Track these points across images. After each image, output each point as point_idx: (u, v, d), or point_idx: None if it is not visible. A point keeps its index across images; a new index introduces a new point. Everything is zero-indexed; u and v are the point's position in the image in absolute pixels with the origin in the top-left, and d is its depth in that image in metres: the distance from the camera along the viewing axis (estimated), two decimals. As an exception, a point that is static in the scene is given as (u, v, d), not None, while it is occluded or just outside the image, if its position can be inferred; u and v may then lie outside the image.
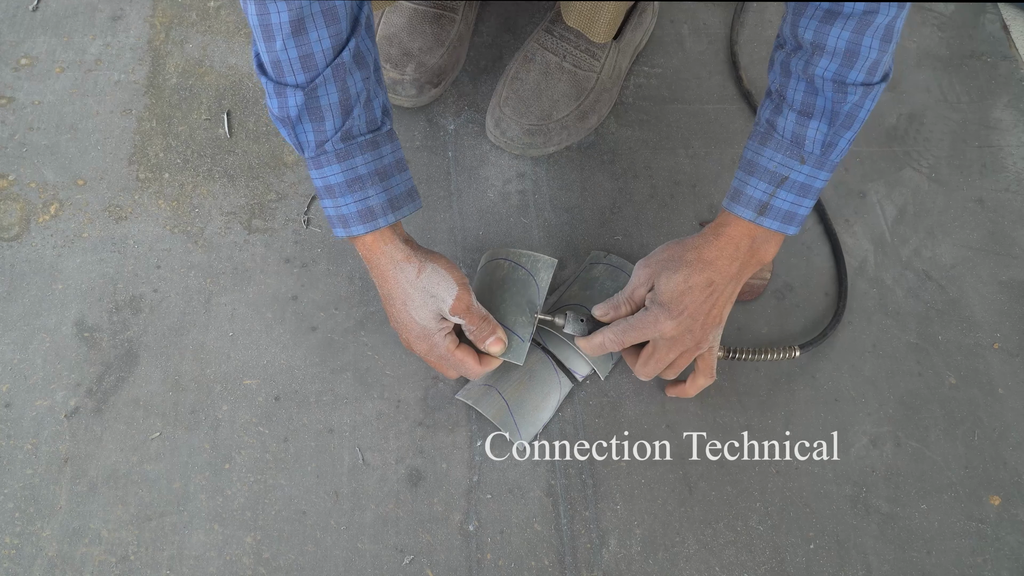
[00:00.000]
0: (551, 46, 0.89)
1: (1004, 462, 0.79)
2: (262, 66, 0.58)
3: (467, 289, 0.66)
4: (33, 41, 0.93)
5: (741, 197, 0.65)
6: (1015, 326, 0.85)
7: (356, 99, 0.59)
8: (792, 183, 0.64)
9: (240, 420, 0.76)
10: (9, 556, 0.69)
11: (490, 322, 0.68)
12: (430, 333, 0.67)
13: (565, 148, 0.91)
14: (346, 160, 0.60)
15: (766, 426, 0.79)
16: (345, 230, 0.63)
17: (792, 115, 0.62)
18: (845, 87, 0.59)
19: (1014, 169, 0.95)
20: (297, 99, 0.57)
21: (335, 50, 0.57)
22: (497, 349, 0.69)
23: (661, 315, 0.66)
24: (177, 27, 0.95)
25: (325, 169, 0.61)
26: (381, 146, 0.62)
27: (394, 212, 0.63)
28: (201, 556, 0.70)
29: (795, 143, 0.63)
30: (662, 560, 0.73)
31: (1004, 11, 1.06)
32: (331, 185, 0.61)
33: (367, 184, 0.61)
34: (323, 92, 0.57)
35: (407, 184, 0.65)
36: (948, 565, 0.74)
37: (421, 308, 0.66)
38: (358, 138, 0.61)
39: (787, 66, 0.62)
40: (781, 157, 0.63)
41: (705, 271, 0.66)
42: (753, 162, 0.65)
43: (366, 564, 0.71)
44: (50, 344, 0.78)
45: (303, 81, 0.57)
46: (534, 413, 0.76)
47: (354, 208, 0.62)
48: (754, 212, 0.65)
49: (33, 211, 0.84)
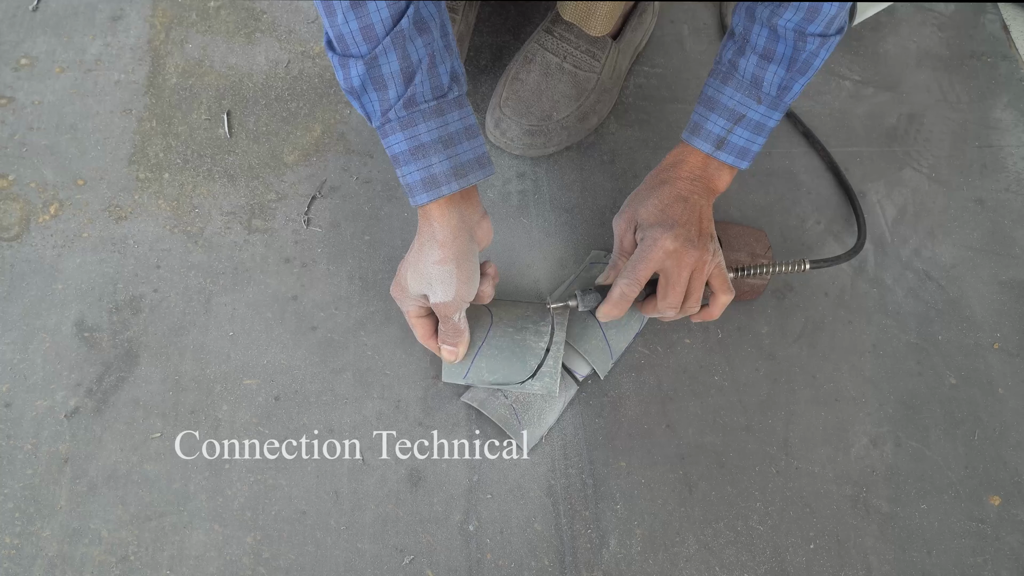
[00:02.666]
0: (551, 46, 0.89)
1: (1004, 462, 0.79)
2: (330, 43, 0.59)
3: (457, 305, 0.68)
4: (33, 41, 0.93)
5: (701, 131, 0.70)
6: (1015, 326, 0.85)
7: (418, 66, 0.59)
8: (748, 121, 0.69)
9: (240, 420, 0.76)
10: (9, 556, 0.69)
11: (458, 335, 0.71)
12: (407, 294, 0.70)
13: (565, 148, 0.91)
14: (409, 128, 0.60)
15: (766, 426, 0.79)
16: (412, 198, 0.63)
17: (754, 58, 0.67)
18: (805, 37, 0.64)
19: (1014, 169, 0.95)
20: (359, 69, 0.58)
21: (394, 19, 0.57)
22: (447, 357, 0.72)
23: (656, 233, 0.69)
24: (177, 27, 0.95)
25: (391, 138, 0.61)
26: (447, 113, 0.61)
27: (458, 180, 0.62)
28: (201, 556, 0.70)
29: (754, 84, 0.68)
30: (662, 560, 0.73)
31: (1004, 11, 1.06)
32: (396, 154, 0.62)
33: (430, 152, 0.61)
34: (384, 61, 0.58)
35: (476, 151, 0.63)
36: (948, 565, 0.74)
37: (416, 281, 0.68)
38: (421, 105, 0.60)
39: (752, 12, 0.66)
40: (740, 96, 0.68)
41: (672, 188, 0.72)
42: (714, 99, 0.70)
43: (366, 564, 0.71)
44: (50, 344, 0.78)
45: (364, 52, 0.58)
46: (539, 417, 0.76)
47: (417, 176, 0.62)
48: (712, 146, 0.70)
49: (33, 211, 0.84)
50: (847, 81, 0.99)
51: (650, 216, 0.70)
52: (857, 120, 0.96)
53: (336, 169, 0.88)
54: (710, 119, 0.70)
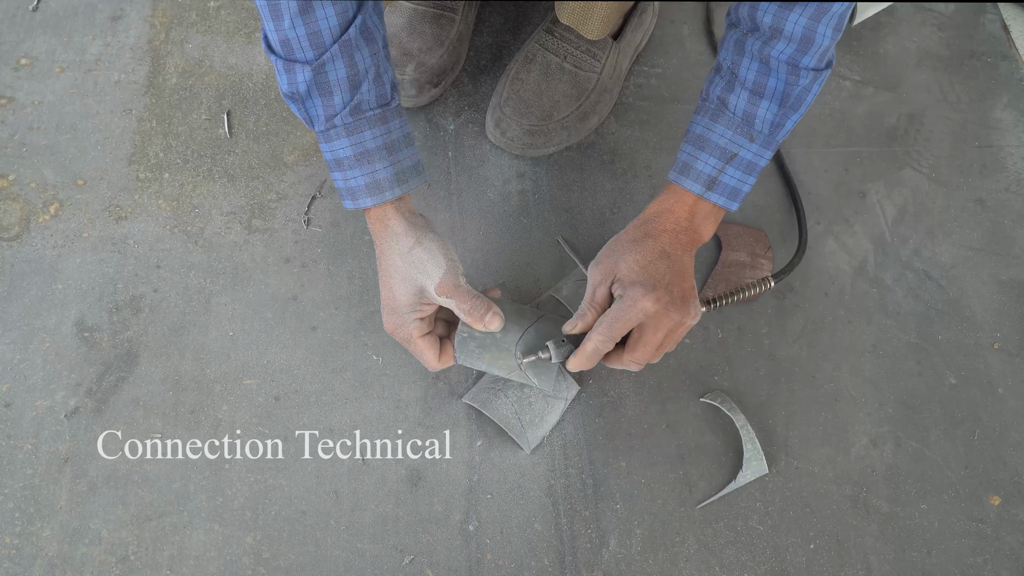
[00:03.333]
0: (552, 46, 0.89)
1: (1004, 462, 0.79)
2: (271, 45, 0.60)
3: (456, 270, 0.65)
4: (33, 41, 0.93)
5: (691, 171, 0.66)
6: (1015, 326, 0.85)
7: (364, 74, 0.61)
8: (740, 160, 0.65)
9: (240, 420, 0.76)
10: (9, 556, 0.69)
11: (483, 300, 0.66)
12: (402, 312, 0.67)
13: (565, 148, 0.91)
14: (355, 134, 0.62)
15: (766, 426, 0.79)
16: (353, 202, 0.64)
17: (744, 94, 0.64)
18: (798, 71, 0.62)
19: (1014, 169, 0.95)
20: (306, 75, 0.59)
21: (342, 27, 0.58)
22: (496, 324, 0.66)
23: (637, 294, 0.64)
24: (177, 27, 0.95)
25: (335, 143, 0.62)
26: (390, 121, 0.63)
27: (400, 185, 0.64)
28: (201, 556, 0.70)
29: (746, 121, 0.65)
30: (662, 560, 0.73)
31: (1004, 11, 1.06)
32: (340, 159, 0.62)
33: (375, 158, 0.62)
34: (331, 68, 0.59)
35: (414, 158, 0.66)
36: (948, 565, 0.74)
37: (404, 283, 0.66)
38: (367, 113, 0.62)
39: (742, 45, 0.64)
40: (731, 134, 0.65)
41: (656, 243, 0.67)
42: (704, 137, 0.66)
43: (366, 564, 0.71)
44: (50, 344, 0.78)
45: (311, 57, 0.58)
46: (541, 417, 0.76)
47: (362, 181, 0.63)
48: (703, 187, 0.66)
49: (33, 211, 0.84)
50: (847, 81, 0.99)
51: (631, 273, 0.65)
52: (857, 120, 0.96)
53: (336, 169, 0.88)
54: (700, 158, 0.66)
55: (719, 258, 0.86)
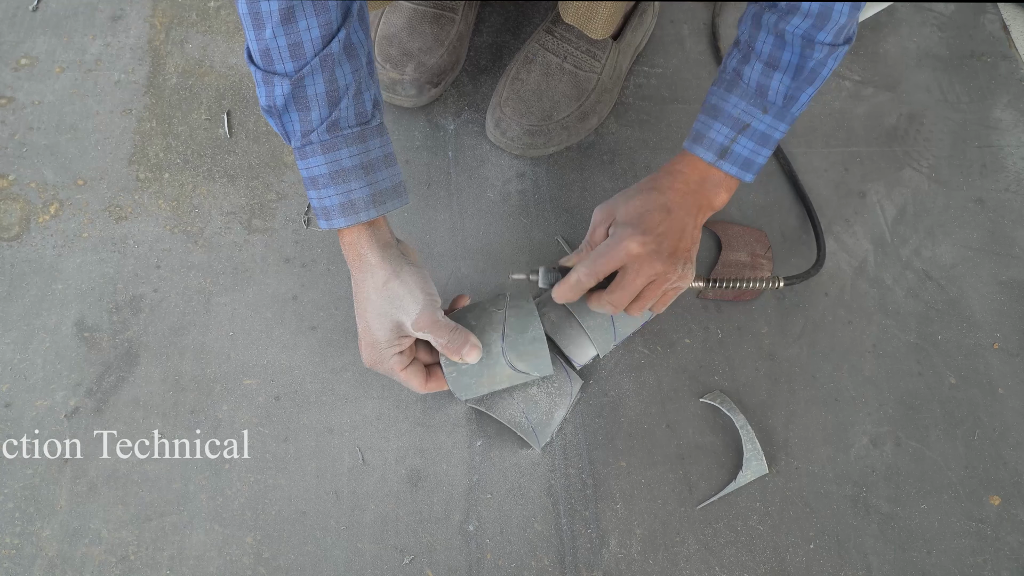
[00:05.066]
0: (552, 47, 0.89)
1: (1004, 462, 0.79)
2: (251, 56, 0.58)
3: (433, 304, 0.65)
4: (33, 41, 0.93)
5: (703, 140, 0.68)
6: (1015, 326, 0.85)
7: (344, 91, 0.59)
8: (753, 131, 0.67)
9: (240, 420, 0.76)
10: (9, 556, 0.69)
11: (461, 332, 0.65)
12: (380, 347, 0.66)
13: (565, 148, 0.91)
14: (331, 152, 0.60)
15: (766, 426, 0.79)
16: (327, 222, 0.62)
17: (759, 65, 0.65)
18: (813, 45, 0.62)
19: (1014, 169, 0.95)
20: (284, 88, 0.57)
21: (324, 40, 0.57)
22: (474, 356, 0.66)
23: (625, 233, 0.65)
24: (177, 27, 0.95)
25: (310, 160, 0.61)
26: (368, 140, 0.62)
27: (376, 207, 0.62)
28: (201, 556, 0.70)
29: (759, 93, 0.66)
30: (662, 560, 0.73)
31: (1004, 11, 1.06)
32: (315, 176, 0.61)
33: (351, 177, 0.61)
34: (310, 82, 0.58)
35: (394, 179, 0.64)
36: (948, 565, 0.74)
37: (379, 317, 0.64)
38: (345, 130, 0.60)
39: (759, 19, 0.65)
40: (745, 104, 0.66)
41: (661, 196, 0.68)
42: (717, 107, 0.67)
43: (366, 564, 0.71)
44: (50, 344, 0.78)
45: (291, 70, 0.57)
46: (548, 415, 0.76)
47: (336, 200, 0.61)
48: (715, 155, 0.67)
49: (33, 211, 0.84)
50: (847, 81, 0.99)
51: (627, 215, 0.67)
52: (857, 120, 0.96)
53: (336, 169, 0.88)
54: (713, 127, 0.67)
55: (719, 258, 0.86)
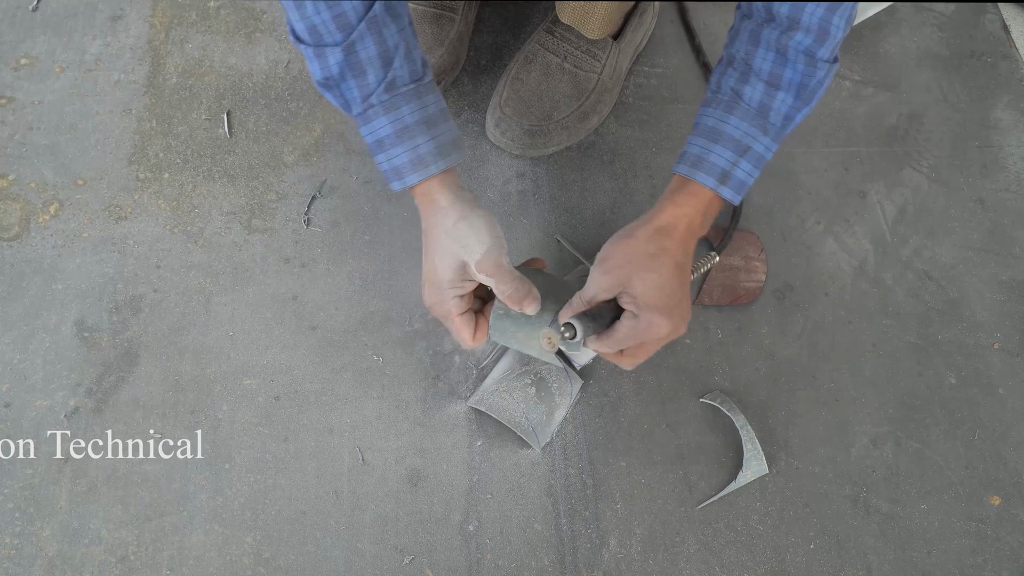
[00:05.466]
0: (552, 47, 0.89)
1: (1004, 462, 0.79)
2: (298, 35, 0.59)
3: (499, 248, 0.63)
4: (33, 41, 0.93)
5: (704, 165, 0.64)
6: (1015, 326, 0.85)
7: (395, 50, 0.60)
8: (753, 153, 0.64)
9: (240, 420, 0.76)
10: (9, 556, 0.69)
11: (524, 282, 0.64)
12: (443, 287, 0.65)
13: (565, 148, 0.91)
14: (393, 111, 0.61)
15: (766, 426, 0.79)
16: (400, 181, 0.63)
17: (760, 85, 0.63)
18: (815, 62, 0.61)
19: (1014, 169, 0.95)
20: (337, 57, 0.58)
21: (366, 6, 0.58)
22: (532, 308, 0.64)
23: (656, 320, 0.63)
24: (177, 27, 0.95)
25: (374, 123, 0.61)
26: (424, 96, 0.62)
27: (443, 159, 0.63)
28: (201, 556, 0.70)
29: (761, 113, 0.64)
30: (662, 560, 0.73)
31: (1004, 11, 1.06)
32: (381, 139, 0.62)
33: (416, 133, 0.62)
34: (361, 47, 0.59)
35: (452, 132, 0.64)
36: (948, 565, 0.74)
37: (446, 257, 0.64)
38: (402, 88, 0.61)
39: (757, 36, 0.63)
40: (746, 126, 0.64)
41: (672, 257, 0.65)
42: (717, 130, 0.64)
43: (366, 564, 0.71)
44: (50, 344, 0.78)
45: (340, 39, 0.58)
46: (549, 415, 0.76)
47: (405, 158, 0.62)
48: (716, 180, 0.64)
49: (33, 211, 0.84)
50: (847, 81, 0.99)
51: (649, 295, 0.63)
52: (857, 120, 0.96)
53: (336, 169, 0.88)
54: (714, 151, 0.64)
55: (719, 258, 0.86)
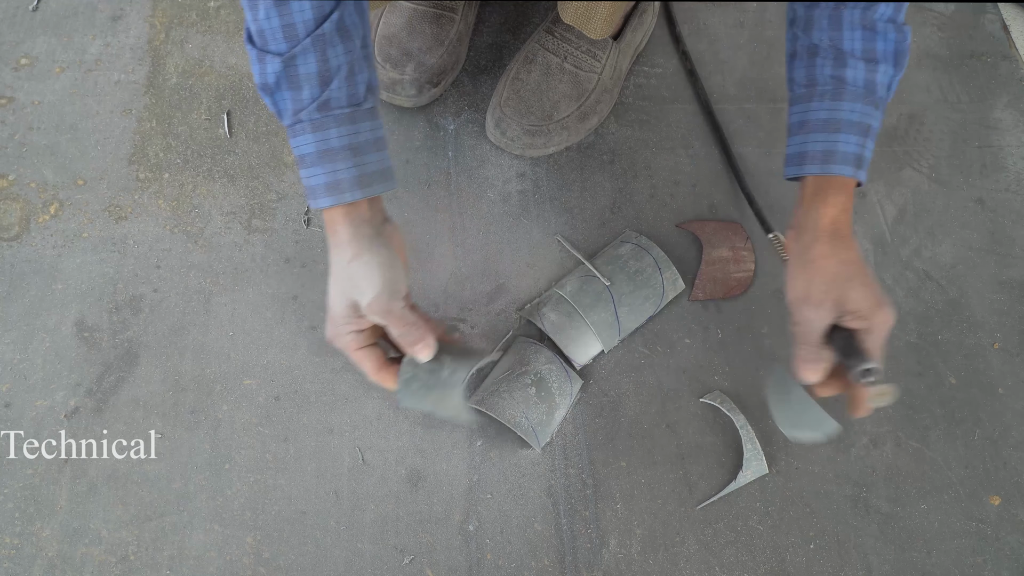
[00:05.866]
0: (552, 47, 0.89)
1: (1004, 462, 0.79)
2: (250, 36, 0.60)
3: (392, 292, 0.62)
4: (33, 41, 0.93)
5: (836, 155, 0.64)
6: (1015, 326, 0.85)
7: (336, 71, 0.60)
8: (873, 131, 0.64)
9: (240, 420, 0.76)
10: (9, 556, 0.69)
11: (418, 327, 0.63)
12: (338, 323, 0.64)
13: (565, 148, 0.91)
14: (320, 131, 0.60)
15: (766, 426, 0.79)
16: (314, 201, 0.62)
17: (860, 64, 0.63)
18: (900, 28, 0.62)
19: (1014, 169, 0.95)
20: (275, 67, 0.58)
21: (316, 21, 0.58)
22: (424, 354, 0.64)
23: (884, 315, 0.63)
24: (177, 27, 0.95)
25: (300, 138, 0.61)
26: (359, 122, 0.62)
27: (362, 189, 0.62)
28: (201, 556, 0.70)
29: (868, 90, 0.64)
30: (662, 560, 0.73)
31: (1004, 11, 1.06)
32: (304, 155, 0.61)
33: (338, 158, 0.61)
34: (302, 61, 0.58)
35: (383, 163, 0.63)
36: (948, 565, 0.74)
37: (340, 295, 0.63)
38: (335, 111, 0.60)
39: (838, 19, 0.63)
40: (860, 107, 0.64)
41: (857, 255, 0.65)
42: (835, 120, 0.64)
43: (366, 564, 0.71)
44: (50, 344, 0.78)
45: (283, 50, 0.58)
46: (549, 416, 0.76)
47: (322, 180, 0.61)
48: (853, 168, 0.64)
49: (33, 211, 0.84)
50: (847, 81, 0.99)
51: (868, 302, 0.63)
52: (857, 120, 0.96)
53: (336, 169, 0.88)
54: (840, 140, 0.63)
55: (702, 258, 0.85)
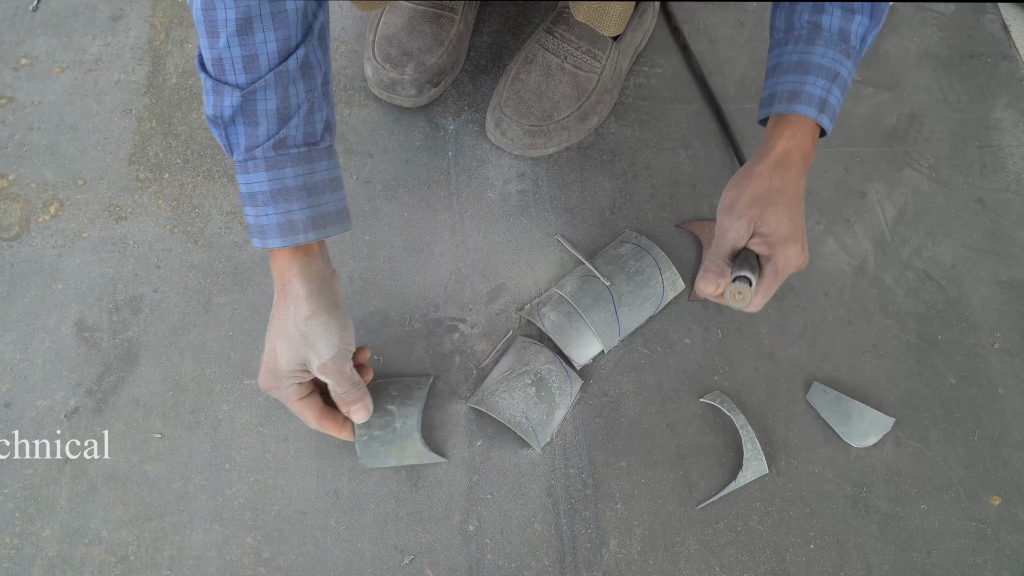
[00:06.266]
0: (552, 47, 0.89)
1: (1004, 462, 0.79)
2: (203, 63, 0.57)
3: (345, 355, 0.64)
4: (33, 41, 0.93)
5: (802, 96, 0.65)
6: (1015, 326, 0.85)
7: (296, 109, 0.58)
8: (840, 79, 0.65)
9: (240, 420, 0.76)
10: (9, 556, 0.69)
11: (359, 388, 0.66)
12: (280, 376, 0.65)
13: (565, 148, 0.91)
14: (275, 170, 0.58)
15: (766, 426, 0.79)
16: (262, 241, 0.60)
17: (837, 11, 0.64)
18: None
19: (1014, 169, 0.95)
20: (234, 100, 0.56)
21: (281, 55, 0.55)
22: (360, 416, 0.67)
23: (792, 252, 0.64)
24: (177, 27, 0.95)
25: (252, 175, 0.58)
26: (315, 161, 0.60)
27: (316, 230, 0.60)
28: (201, 556, 0.70)
29: (842, 39, 0.65)
30: (662, 560, 0.73)
31: (1004, 11, 1.06)
32: (255, 193, 0.59)
33: (293, 198, 0.59)
34: (261, 96, 0.56)
35: (338, 204, 0.62)
36: (948, 565, 0.74)
37: (290, 350, 0.63)
38: (291, 149, 0.58)
39: None
40: (832, 53, 0.64)
41: (795, 187, 0.66)
42: (805, 62, 0.65)
43: (366, 564, 0.71)
44: (50, 344, 0.78)
45: (243, 82, 0.55)
46: (549, 415, 0.76)
47: (275, 220, 0.59)
48: (816, 110, 0.65)
49: (33, 211, 0.84)
50: (847, 81, 0.99)
51: (782, 230, 0.64)
52: (857, 120, 0.96)
53: (336, 169, 0.88)
54: (808, 81, 0.64)
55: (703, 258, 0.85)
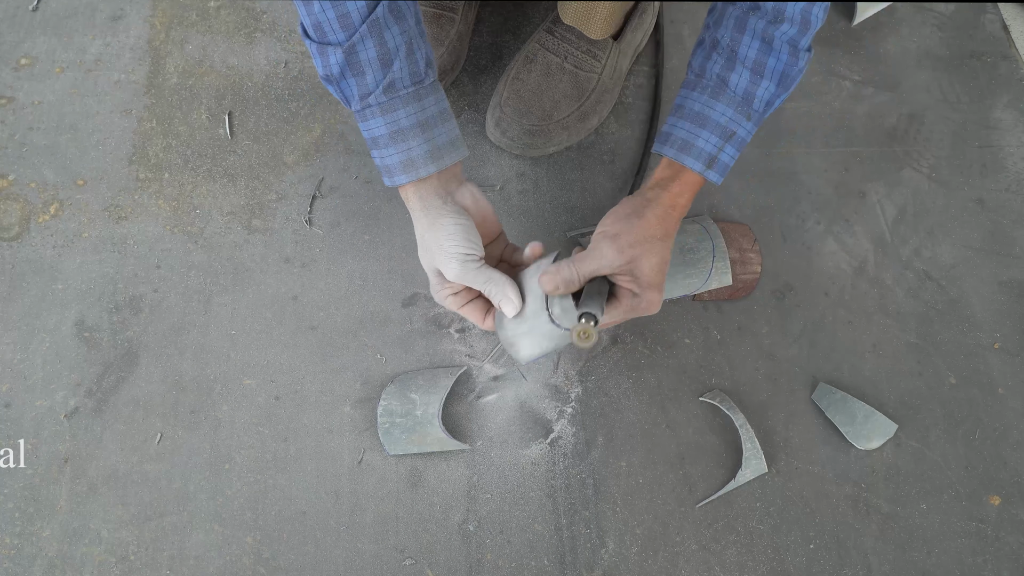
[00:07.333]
0: (552, 47, 0.89)
1: (1004, 462, 0.79)
2: (306, 30, 0.61)
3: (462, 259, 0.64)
4: (33, 41, 0.93)
5: (692, 149, 0.66)
6: (1015, 326, 0.85)
7: (395, 52, 0.61)
8: (737, 138, 0.66)
9: (240, 420, 0.76)
10: (9, 556, 0.69)
11: (495, 284, 0.65)
12: (435, 288, 0.68)
13: (565, 148, 0.91)
14: (390, 113, 0.62)
15: (766, 426, 0.79)
16: (390, 179, 0.65)
17: (746, 73, 0.65)
18: (798, 52, 0.63)
19: (1014, 169, 0.95)
20: (338, 57, 0.60)
21: (369, 7, 0.59)
22: (508, 309, 0.65)
23: (654, 299, 0.66)
24: (177, 27, 0.95)
25: (370, 122, 0.63)
26: (424, 98, 0.64)
27: (435, 162, 0.64)
28: (201, 556, 0.70)
29: (745, 101, 0.65)
30: (662, 560, 0.73)
31: (1004, 11, 1.06)
32: (376, 137, 0.63)
33: (410, 136, 0.63)
34: (361, 48, 0.60)
35: (451, 133, 0.65)
36: (948, 565, 0.74)
37: (426, 264, 0.67)
38: (401, 91, 0.62)
39: (743, 23, 0.64)
40: (732, 112, 0.65)
41: (671, 238, 0.67)
42: (704, 115, 0.66)
43: (366, 564, 0.71)
44: (50, 344, 0.78)
45: (343, 39, 0.60)
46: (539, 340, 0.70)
47: (397, 159, 0.63)
48: (703, 165, 0.66)
49: (33, 211, 0.84)
50: (847, 81, 0.99)
51: (653, 278, 0.65)
52: (857, 120, 0.96)
53: (336, 169, 0.88)
54: (701, 136, 0.66)
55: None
